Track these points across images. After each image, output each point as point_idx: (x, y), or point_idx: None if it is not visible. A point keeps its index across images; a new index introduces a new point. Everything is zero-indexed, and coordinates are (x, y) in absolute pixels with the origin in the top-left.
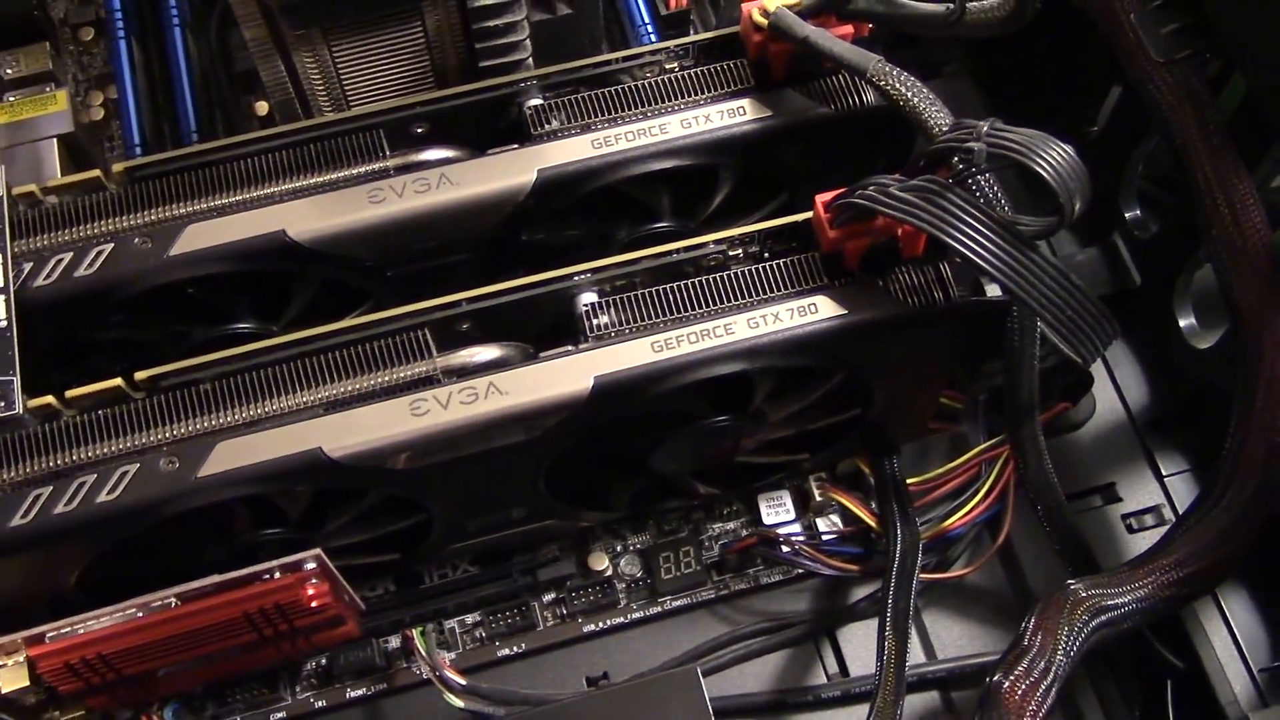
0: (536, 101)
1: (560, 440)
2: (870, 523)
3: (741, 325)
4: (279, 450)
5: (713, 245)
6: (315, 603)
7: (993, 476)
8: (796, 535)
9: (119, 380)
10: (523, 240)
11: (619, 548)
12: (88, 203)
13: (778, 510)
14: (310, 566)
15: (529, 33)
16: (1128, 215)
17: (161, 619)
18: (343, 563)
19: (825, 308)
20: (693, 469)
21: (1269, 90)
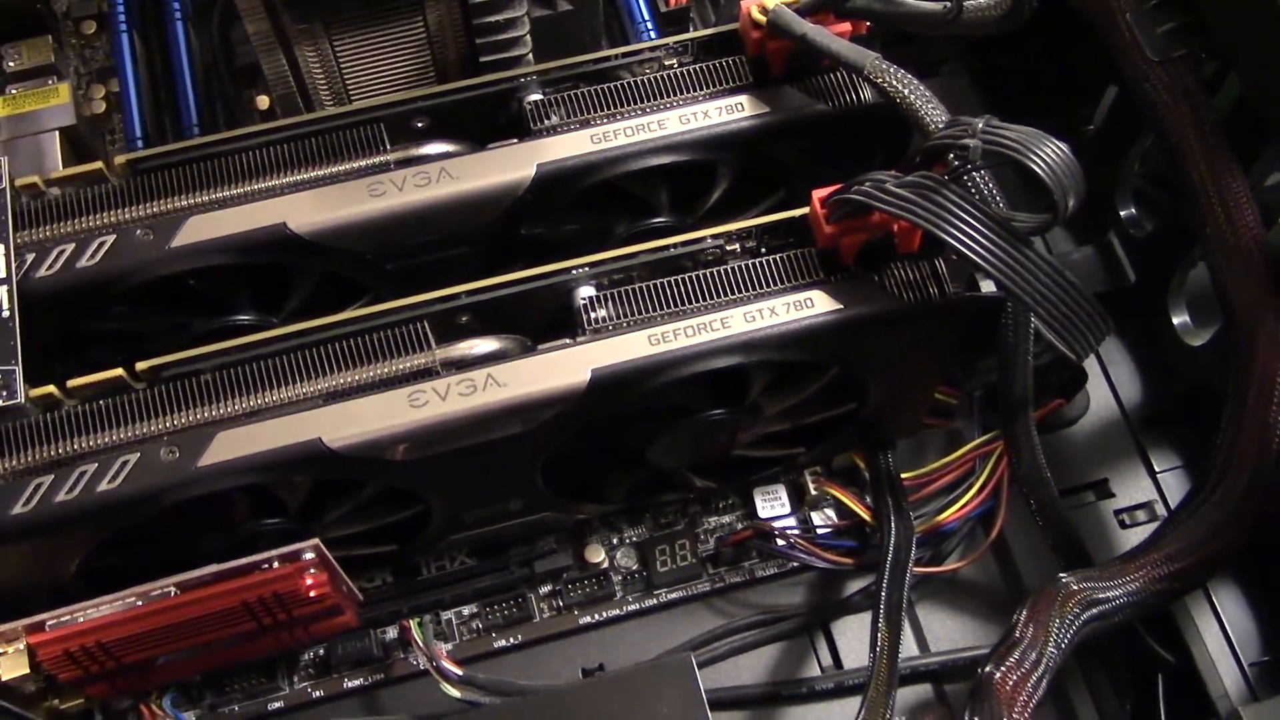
0: (536, 97)
1: (558, 432)
2: (865, 517)
3: (738, 319)
4: (279, 440)
5: (710, 240)
6: (313, 592)
7: (987, 472)
8: (792, 529)
9: (120, 370)
10: (522, 234)
11: (615, 540)
12: (90, 194)
13: (773, 504)
14: (309, 556)
15: (529, 29)
16: (1123, 214)
17: (161, 608)
18: (341, 554)
19: (821, 302)
20: (689, 462)
21: (1263, 90)
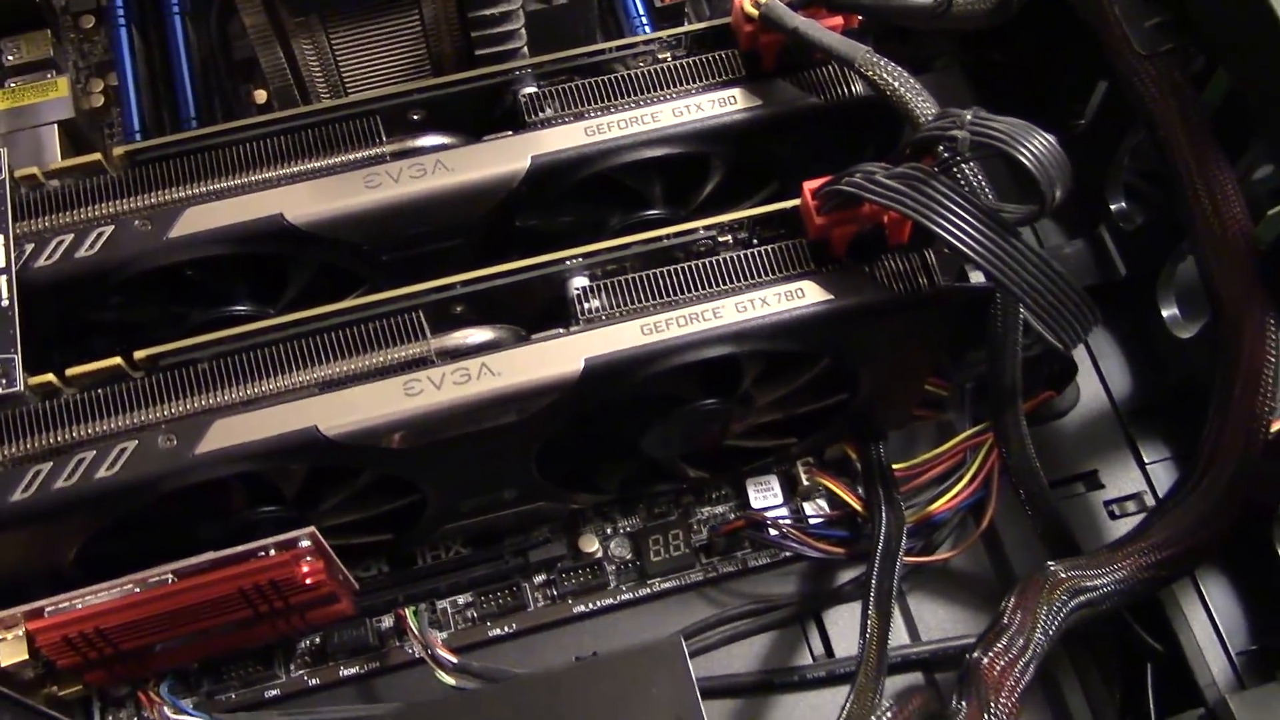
0: (531, 90)
1: (552, 421)
2: (856, 507)
3: (730, 309)
4: (275, 428)
5: (702, 231)
6: (309, 580)
7: (977, 463)
8: (784, 519)
9: (118, 359)
10: (516, 226)
11: (609, 530)
12: (89, 185)
13: (766, 494)
14: (305, 544)
15: (524, 22)
16: (1114, 208)
17: (158, 594)
18: (337, 542)
19: (812, 293)
20: (682, 452)
21: (1250, 84)
